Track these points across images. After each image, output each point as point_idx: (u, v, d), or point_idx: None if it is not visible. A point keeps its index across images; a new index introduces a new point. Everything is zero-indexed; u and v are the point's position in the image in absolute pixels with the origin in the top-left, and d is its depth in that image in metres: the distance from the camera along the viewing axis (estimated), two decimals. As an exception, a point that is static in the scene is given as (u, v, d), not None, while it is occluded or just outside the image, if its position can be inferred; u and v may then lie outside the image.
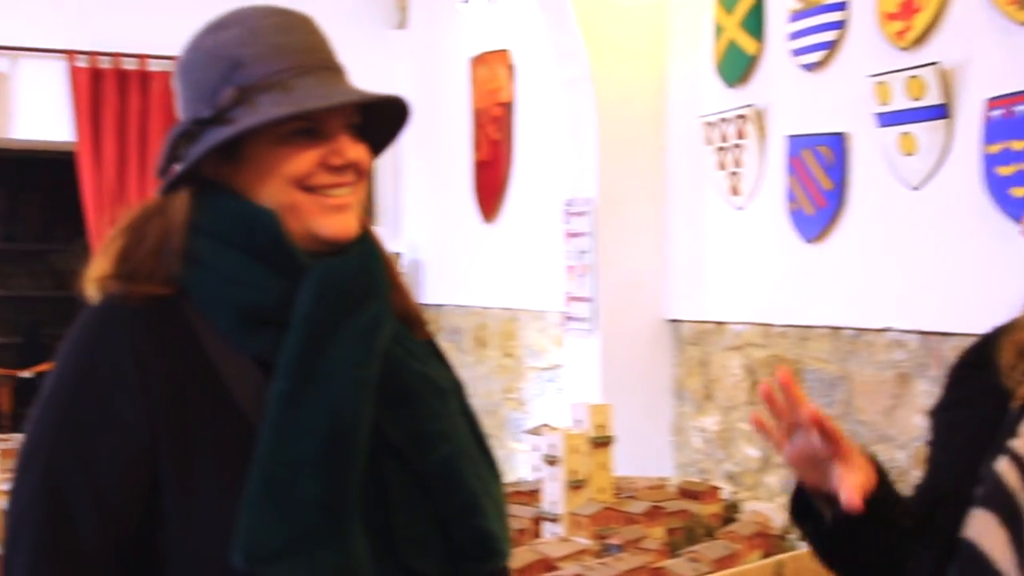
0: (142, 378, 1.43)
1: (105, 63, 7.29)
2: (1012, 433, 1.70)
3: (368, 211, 7.60)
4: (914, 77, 3.93)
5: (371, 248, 1.61)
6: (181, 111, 1.58)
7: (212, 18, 1.59)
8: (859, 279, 4.30)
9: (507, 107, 6.59)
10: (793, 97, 4.62)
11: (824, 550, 1.86)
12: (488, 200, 6.80)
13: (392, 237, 7.71)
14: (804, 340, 4.58)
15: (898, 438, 4.09)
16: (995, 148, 3.69)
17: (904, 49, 4.02)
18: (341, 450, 1.44)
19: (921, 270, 4.02)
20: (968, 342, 1.93)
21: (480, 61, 6.83)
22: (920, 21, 3.96)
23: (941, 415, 1.90)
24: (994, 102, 3.69)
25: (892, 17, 4.07)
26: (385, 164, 7.75)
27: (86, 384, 1.43)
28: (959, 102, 3.84)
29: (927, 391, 3.92)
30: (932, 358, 3.96)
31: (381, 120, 1.65)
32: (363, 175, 1.59)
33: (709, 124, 5.06)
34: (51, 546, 1.40)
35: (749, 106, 4.81)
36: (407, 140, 7.56)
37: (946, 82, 3.85)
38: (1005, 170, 3.66)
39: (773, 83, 4.73)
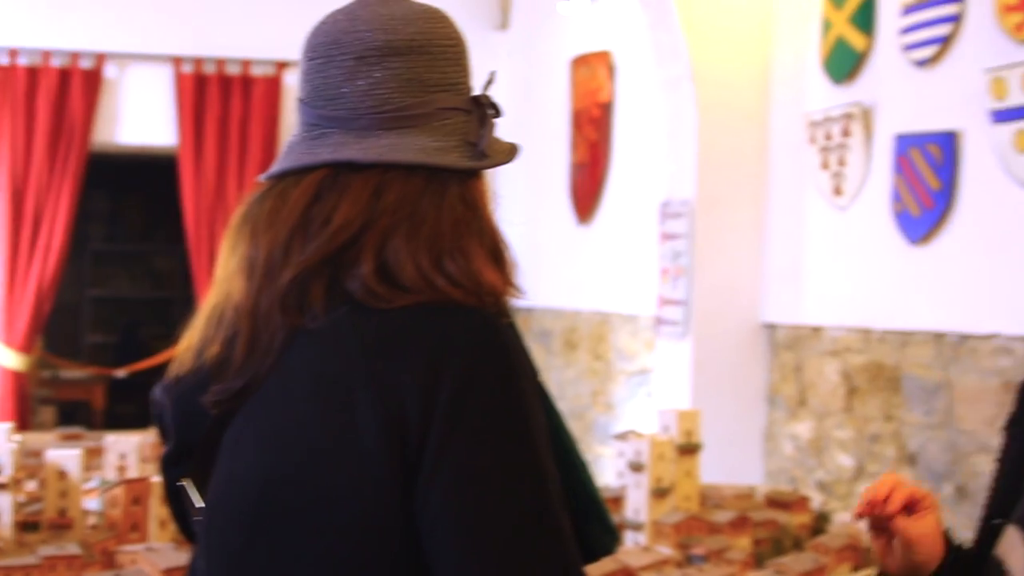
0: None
1: (210, 68, 7.30)
2: None
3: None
4: (1033, 71, 3.74)
5: None
6: (444, 79, 1.46)
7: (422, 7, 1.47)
8: (966, 283, 4.09)
9: (606, 108, 6.47)
10: (902, 94, 4.43)
11: None
12: (584, 201, 6.68)
13: (486, 239, 7.61)
14: (904, 346, 4.38)
15: (1004, 452, 3.88)
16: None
17: None
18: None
19: (1034, 274, 3.82)
20: None
21: (581, 62, 6.72)
22: (1041, 12, 3.77)
23: (1011, 430, 1.78)
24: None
25: (1011, 9, 3.87)
26: (482, 165, 7.65)
27: (536, 393, 1.46)
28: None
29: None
30: (1042, 367, 3.76)
31: None
32: None
33: (814, 123, 4.88)
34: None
35: (856, 104, 4.62)
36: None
37: (1066, 75, 3.66)
38: None
39: (882, 80, 4.54)
